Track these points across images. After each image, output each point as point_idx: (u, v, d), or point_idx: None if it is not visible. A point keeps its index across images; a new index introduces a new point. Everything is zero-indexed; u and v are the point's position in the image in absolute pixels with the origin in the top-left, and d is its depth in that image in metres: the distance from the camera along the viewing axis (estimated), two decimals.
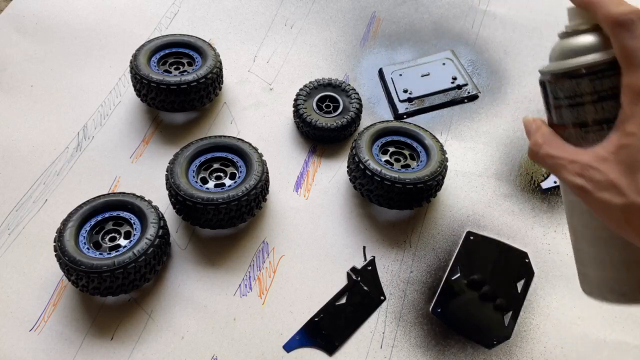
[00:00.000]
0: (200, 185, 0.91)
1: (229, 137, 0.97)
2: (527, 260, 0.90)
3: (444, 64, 1.17)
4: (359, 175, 0.92)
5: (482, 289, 0.88)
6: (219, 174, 0.94)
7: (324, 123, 1.03)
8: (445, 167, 0.94)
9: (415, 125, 0.99)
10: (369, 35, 1.23)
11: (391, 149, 0.97)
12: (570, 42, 0.43)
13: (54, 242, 0.83)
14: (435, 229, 0.95)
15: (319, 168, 1.03)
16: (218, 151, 0.95)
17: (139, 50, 1.06)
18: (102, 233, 0.86)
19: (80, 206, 0.87)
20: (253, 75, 1.16)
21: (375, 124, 0.99)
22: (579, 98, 0.40)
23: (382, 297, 0.87)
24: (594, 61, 0.40)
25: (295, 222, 0.95)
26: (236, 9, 1.27)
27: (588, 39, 0.42)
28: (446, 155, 0.95)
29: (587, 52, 0.41)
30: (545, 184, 1.00)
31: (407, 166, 0.95)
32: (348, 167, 0.97)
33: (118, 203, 0.88)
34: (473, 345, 0.83)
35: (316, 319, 0.85)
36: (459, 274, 0.90)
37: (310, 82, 1.08)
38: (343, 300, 0.87)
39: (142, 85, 1.02)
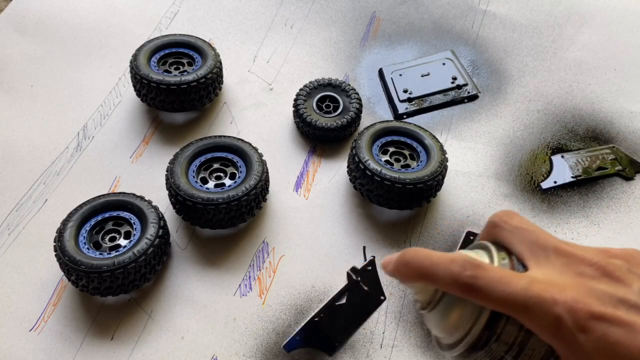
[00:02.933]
0: (200, 185, 0.91)
1: (229, 137, 0.97)
2: None
3: (444, 64, 1.17)
4: (359, 175, 0.92)
5: None
6: (219, 174, 0.94)
7: (324, 123, 1.03)
8: (445, 167, 0.94)
9: (415, 125, 0.99)
10: (369, 35, 1.23)
11: (391, 149, 0.97)
12: (443, 320, 0.36)
13: (54, 242, 0.83)
14: (435, 229, 0.95)
15: (319, 168, 1.03)
16: (218, 151, 0.95)
17: (139, 50, 1.06)
18: (102, 233, 0.86)
19: (80, 206, 0.87)
20: (253, 75, 1.16)
21: (375, 124, 0.99)
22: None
23: (382, 297, 0.87)
24: (477, 333, 0.34)
25: (295, 222, 0.95)
26: (236, 9, 1.27)
27: (458, 313, 0.35)
28: (446, 155, 0.95)
29: (463, 324, 0.35)
30: (545, 184, 1.00)
31: (407, 166, 0.95)
32: (348, 167, 0.97)
33: (118, 203, 0.88)
34: None
35: (316, 319, 0.85)
36: None
37: (310, 82, 1.08)
38: (343, 300, 0.87)
39: (142, 85, 1.02)
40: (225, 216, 0.88)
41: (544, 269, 0.33)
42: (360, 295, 0.87)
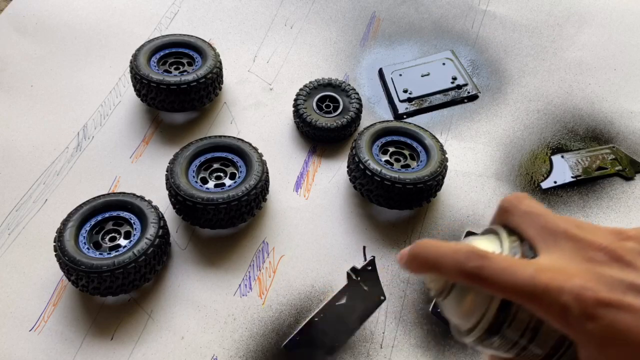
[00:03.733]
0: (200, 185, 0.91)
1: (229, 137, 0.97)
2: None
3: (444, 64, 1.17)
4: (359, 175, 0.92)
5: None
6: (219, 174, 0.94)
7: (324, 123, 1.03)
8: (445, 167, 0.94)
9: (415, 125, 0.99)
10: (369, 35, 1.23)
11: (391, 149, 0.97)
12: (456, 308, 0.37)
13: (54, 242, 0.83)
14: (435, 229, 0.95)
15: (319, 168, 1.03)
16: (218, 151, 0.95)
17: (139, 50, 1.06)
18: (102, 233, 0.86)
19: (80, 206, 0.87)
20: (253, 75, 1.16)
21: (375, 124, 0.99)
22: (517, 345, 0.35)
23: (382, 297, 0.87)
24: (489, 322, 0.34)
25: (295, 222, 0.95)
26: (236, 9, 1.27)
27: (470, 302, 0.35)
28: (446, 155, 0.95)
29: (477, 309, 0.35)
30: (545, 184, 1.00)
31: (407, 166, 0.95)
32: (348, 167, 0.97)
33: (118, 203, 0.88)
34: None
35: (316, 319, 0.85)
36: None
37: (310, 82, 1.08)
38: (343, 300, 0.87)
39: (142, 85, 1.02)
40: (225, 216, 0.88)
41: (553, 255, 0.33)
42: (360, 295, 0.87)
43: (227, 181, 0.93)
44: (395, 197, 0.90)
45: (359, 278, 0.89)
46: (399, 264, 0.37)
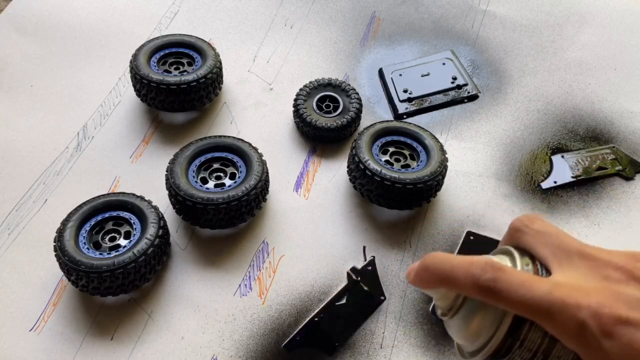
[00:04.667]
0: (200, 185, 0.91)
1: (229, 137, 0.97)
2: None
3: (444, 64, 1.17)
4: (359, 175, 0.92)
5: None
6: (219, 174, 0.94)
7: (324, 123, 1.03)
8: (445, 167, 0.94)
9: (415, 125, 0.99)
10: (369, 35, 1.23)
11: (391, 149, 0.97)
12: (464, 328, 0.35)
13: (54, 242, 0.83)
14: (435, 229, 0.95)
15: (319, 168, 1.03)
16: (218, 151, 0.95)
17: (139, 50, 1.06)
18: (102, 233, 0.86)
19: (80, 206, 0.87)
20: (253, 75, 1.16)
21: (375, 124, 0.99)
22: None
23: (382, 297, 0.87)
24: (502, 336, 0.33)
25: (295, 222, 0.95)
26: (236, 9, 1.27)
27: (480, 319, 0.34)
28: (446, 155, 0.95)
29: (488, 327, 0.34)
30: (545, 184, 1.00)
31: (407, 166, 0.95)
32: (348, 167, 0.97)
33: (118, 203, 0.88)
34: None
35: (316, 319, 0.85)
36: None
37: (310, 82, 1.08)
38: (343, 300, 0.87)
39: (142, 85, 1.02)
40: (225, 216, 0.88)
41: (568, 274, 0.32)
42: (360, 295, 0.87)
43: (227, 181, 0.93)
44: (395, 197, 0.90)
45: (359, 278, 0.89)
46: (407, 280, 0.36)
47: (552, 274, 0.33)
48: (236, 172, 0.94)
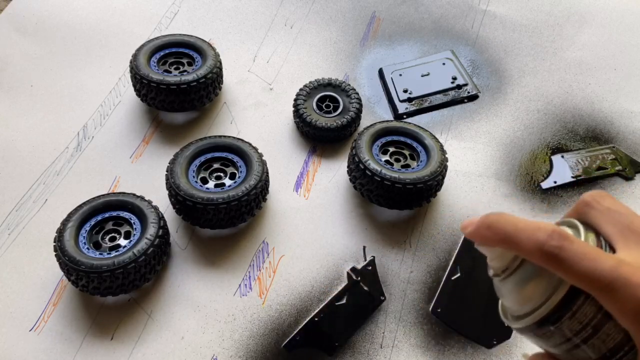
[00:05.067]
0: (200, 185, 0.91)
1: (229, 137, 0.97)
2: None
3: (444, 64, 1.17)
4: (359, 175, 0.92)
5: (482, 289, 0.88)
6: (219, 174, 0.94)
7: (324, 123, 1.03)
8: (445, 167, 0.94)
9: (415, 125, 0.99)
10: (369, 35, 1.23)
11: (391, 149, 0.97)
12: (518, 288, 0.35)
13: (54, 242, 0.83)
14: (435, 229, 0.95)
15: (319, 168, 1.03)
16: (218, 151, 0.95)
17: (139, 50, 1.06)
18: (102, 233, 0.86)
19: (80, 206, 0.87)
20: (253, 75, 1.16)
21: (375, 124, 0.99)
22: (570, 342, 0.33)
23: (382, 297, 0.87)
24: (553, 305, 0.33)
25: (295, 222, 0.95)
26: (236, 9, 1.27)
27: (537, 282, 0.34)
28: (446, 155, 0.95)
29: (540, 295, 0.33)
30: (545, 184, 1.00)
31: (407, 166, 0.95)
32: (348, 167, 0.97)
33: (118, 203, 0.88)
34: (473, 345, 0.83)
35: (316, 319, 0.85)
36: (459, 274, 0.90)
37: (310, 82, 1.08)
38: (343, 300, 0.87)
39: (142, 85, 1.02)
40: (225, 216, 0.88)
41: (634, 253, 0.32)
42: (360, 295, 0.87)
43: (227, 181, 0.93)
44: (395, 197, 0.90)
45: (359, 278, 0.89)
46: (463, 232, 0.36)
47: (616, 252, 0.33)
48: (236, 172, 0.94)
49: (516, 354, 0.82)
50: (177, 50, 1.09)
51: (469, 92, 1.13)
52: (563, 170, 1.02)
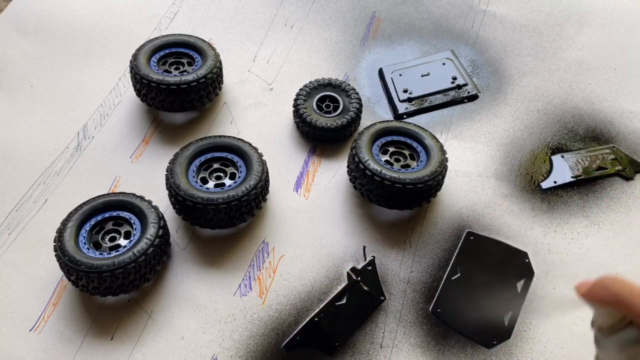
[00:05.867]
0: (200, 185, 0.91)
1: (229, 137, 0.97)
2: (527, 260, 0.90)
3: (444, 64, 1.17)
4: (359, 175, 0.92)
5: (482, 289, 0.88)
6: (219, 174, 0.94)
7: (324, 123, 1.03)
8: (445, 167, 0.94)
9: (415, 125, 0.99)
10: (369, 35, 1.23)
11: (391, 149, 0.97)
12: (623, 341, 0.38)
13: (54, 242, 0.83)
14: (435, 229, 0.95)
15: (319, 168, 1.03)
16: (218, 151, 0.95)
17: (139, 50, 1.06)
18: (102, 233, 0.86)
19: (80, 206, 0.87)
20: (253, 75, 1.16)
21: (375, 124, 0.99)
22: None
23: (382, 297, 0.87)
24: None
25: (295, 222, 0.95)
26: (236, 9, 1.27)
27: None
28: (446, 155, 0.95)
29: None
30: (545, 184, 1.00)
31: (407, 166, 0.95)
32: (348, 167, 0.97)
33: (118, 203, 0.88)
34: (473, 345, 0.83)
35: (316, 319, 0.85)
36: (459, 274, 0.90)
37: (310, 82, 1.08)
38: (343, 300, 0.87)
39: (142, 85, 1.02)
40: (225, 216, 0.88)
41: None
42: (360, 295, 0.87)
43: (227, 181, 0.93)
44: (395, 197, 0.90)
45: (359, 278, 0.89)
46: (577, 293, 0.38)
47: None
48: (236, 172, 0.94)
49: (516, 354, 0.82)
50: (177, 50, 1.09)
51: (469, 92, 1.13)
52: (563, 170, 1.02)
